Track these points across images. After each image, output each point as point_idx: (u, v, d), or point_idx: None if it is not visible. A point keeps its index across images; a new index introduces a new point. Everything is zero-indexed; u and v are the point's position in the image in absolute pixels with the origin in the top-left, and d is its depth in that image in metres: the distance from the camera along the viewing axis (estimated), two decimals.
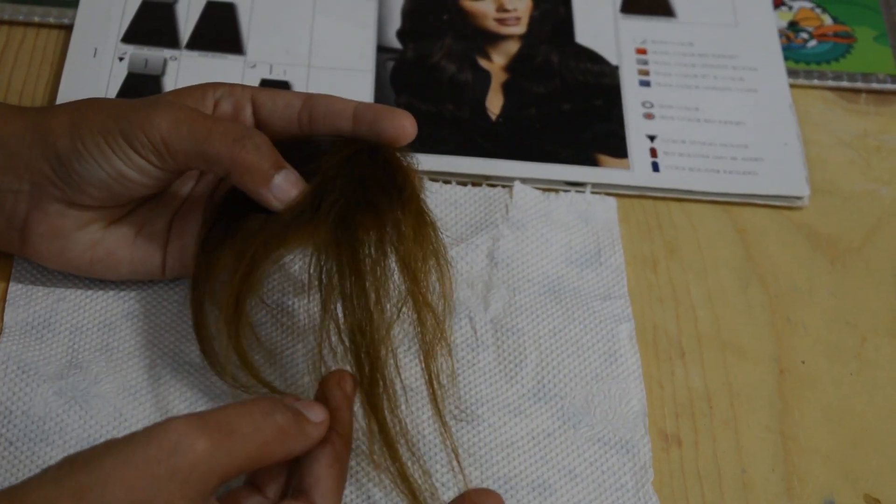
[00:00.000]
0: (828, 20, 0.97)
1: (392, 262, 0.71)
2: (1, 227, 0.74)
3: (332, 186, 0.72)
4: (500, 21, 0.94)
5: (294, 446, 0.65)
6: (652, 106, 0.90)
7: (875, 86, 0.93)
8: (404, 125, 0.75)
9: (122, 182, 0.72)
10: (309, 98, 0.76)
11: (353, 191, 0.72)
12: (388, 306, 0.70)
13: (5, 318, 0.76)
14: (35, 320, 0.76)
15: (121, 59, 0.89)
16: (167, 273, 0.76)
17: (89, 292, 0.77)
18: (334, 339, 0.70)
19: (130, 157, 0.72)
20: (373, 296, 0.70)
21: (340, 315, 0.70)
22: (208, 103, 0.75)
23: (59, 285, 0.77)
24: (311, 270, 0.71)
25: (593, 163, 0.86)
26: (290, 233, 0.71)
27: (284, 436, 0.64)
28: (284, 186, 0.72)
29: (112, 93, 0.87)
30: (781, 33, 0.95)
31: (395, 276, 0.71)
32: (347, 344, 0.69)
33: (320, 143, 0.75)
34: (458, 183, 0.85)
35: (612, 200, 0.85)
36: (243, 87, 0.76)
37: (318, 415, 0.66)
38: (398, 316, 0.71)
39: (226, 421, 0.62)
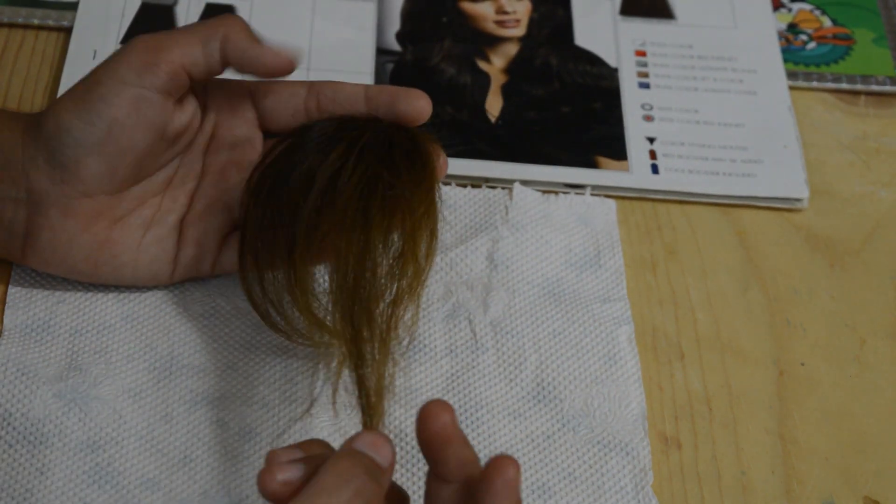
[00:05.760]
0: (827, 22, 0.97)
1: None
2: (1, 238, 0.74)
3: (360, 147, 0.73)
4: (500, 23, 0.94)
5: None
6: (651, 108, 0.90)
7: (874, 88, 0.93)
8: (422, 105, 0.75)
9: (114, 135, 0.71)
10: (313, 85, 0.76)
11: (381, 156, 0.73)
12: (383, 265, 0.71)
13: (5, 321, 0.76)
14: (34, 323, 0.76)
15: None
16: (176, 276, 0.76)
17: (89, 295, 0.77)
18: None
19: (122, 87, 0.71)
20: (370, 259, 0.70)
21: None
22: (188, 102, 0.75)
23: (59, 288, 0.77)
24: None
25: (593, 165, 0.86)
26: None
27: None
28: None
29: None
30: (781, 35, 0.95)
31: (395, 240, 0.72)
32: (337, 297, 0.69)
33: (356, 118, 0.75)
34: (458, 185, 0.85)
35: (611, 202, 0.85)
36: (239, 81, 0.76)
37: (385, 457, 0.61)
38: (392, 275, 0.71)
39: None
